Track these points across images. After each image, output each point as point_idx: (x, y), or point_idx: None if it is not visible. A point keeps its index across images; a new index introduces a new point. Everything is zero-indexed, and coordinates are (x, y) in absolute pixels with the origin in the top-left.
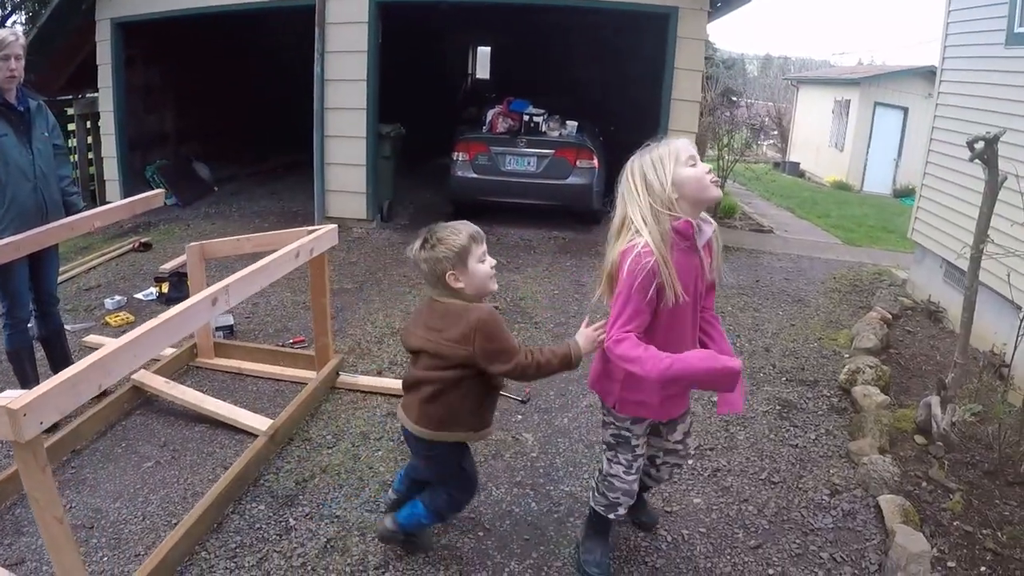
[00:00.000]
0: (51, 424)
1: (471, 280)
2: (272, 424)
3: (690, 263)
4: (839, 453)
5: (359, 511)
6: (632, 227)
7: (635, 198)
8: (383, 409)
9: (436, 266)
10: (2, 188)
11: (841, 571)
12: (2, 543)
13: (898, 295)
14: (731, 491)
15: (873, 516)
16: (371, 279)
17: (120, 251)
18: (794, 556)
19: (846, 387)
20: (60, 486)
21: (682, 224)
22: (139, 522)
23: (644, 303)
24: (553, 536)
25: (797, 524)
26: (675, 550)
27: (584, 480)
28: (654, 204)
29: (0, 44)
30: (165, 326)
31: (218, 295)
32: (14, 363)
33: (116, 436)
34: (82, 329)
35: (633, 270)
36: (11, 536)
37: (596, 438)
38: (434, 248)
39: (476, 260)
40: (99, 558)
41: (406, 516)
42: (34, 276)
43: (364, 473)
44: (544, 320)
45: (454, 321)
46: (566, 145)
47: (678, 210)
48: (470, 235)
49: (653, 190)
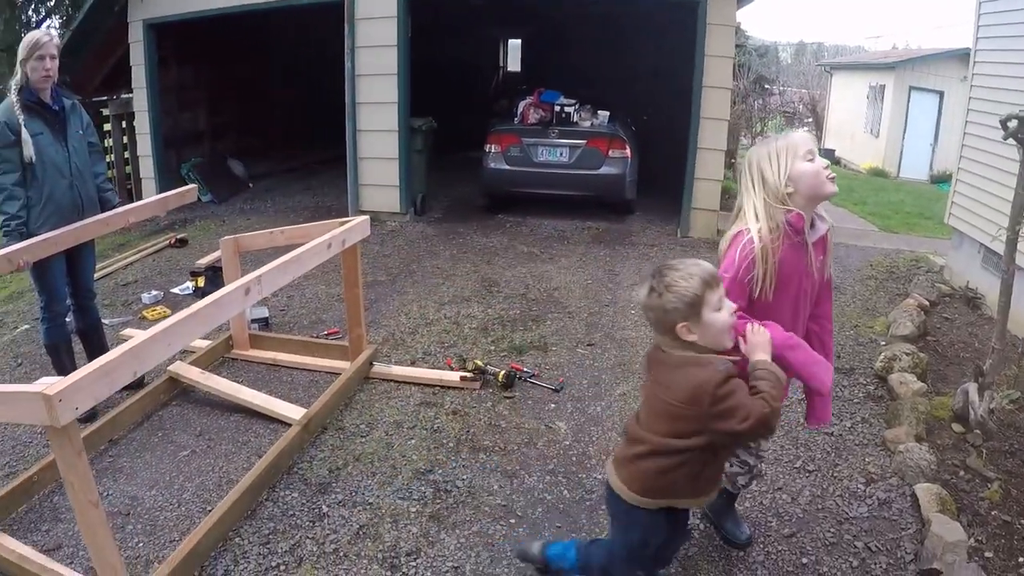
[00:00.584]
0: (86, 410)
1: (705, 332)
2: (306, 413)
3: (797, 259)
4: (875, 441)
5: (391, 498)
6: (744, 216)
7: (750, 190)
8: (416, 399)
9: (664, 317)
10: (39, 185)
11: (876, 560)
12: (40, 529)
13: (935, 282)
14: (765, 479)
15: (909, 505)
16: (405, 271)
17: (156, 247)
18: (828, 545)
19: (882, 375)
20: (97, 475)
21: (794, 216)
22: (174, 509)
23: (740, 290)
24: (585, 524)
25: (832, 513)
26: (708, 539)
27: None
28: (768, 198)
29: (35, 45)
30: (199, 315)
31: (251, 285)
32: (52, 356)
33: (153, 426)
34: (120, 323)
35: (735, 256)
36: (49, 523)
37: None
38: (661, 297)
39: (711, 309)
40: (134, 544)
41: (556, 554)
42: (71, 271)
43: (397, 461)
44: (578, 310)
45: (683, 378)
46: (598, 135)
47: (792, 205)
48: (703, 280)
49: (768, 184)
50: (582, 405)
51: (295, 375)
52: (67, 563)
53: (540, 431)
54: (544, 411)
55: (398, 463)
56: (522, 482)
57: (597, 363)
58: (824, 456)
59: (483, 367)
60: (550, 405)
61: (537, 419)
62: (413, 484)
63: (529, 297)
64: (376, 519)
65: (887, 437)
